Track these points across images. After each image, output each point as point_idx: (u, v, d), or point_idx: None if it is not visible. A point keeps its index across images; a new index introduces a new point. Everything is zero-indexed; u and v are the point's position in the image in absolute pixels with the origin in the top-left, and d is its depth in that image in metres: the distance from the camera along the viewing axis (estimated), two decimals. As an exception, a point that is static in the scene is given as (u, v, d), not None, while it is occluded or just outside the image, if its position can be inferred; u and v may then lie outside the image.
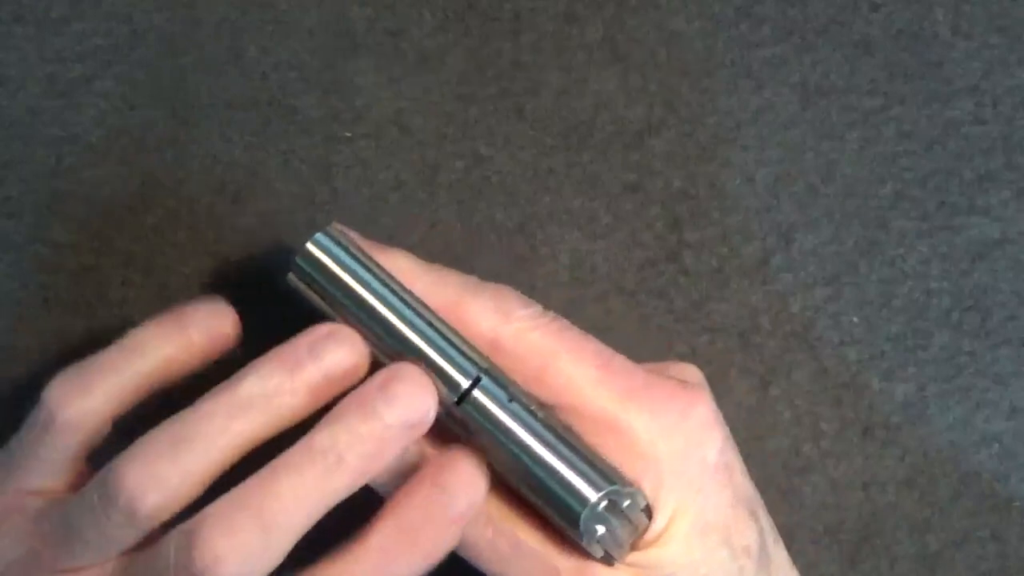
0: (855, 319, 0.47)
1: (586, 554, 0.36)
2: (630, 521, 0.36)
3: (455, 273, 0.39)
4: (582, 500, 0.35)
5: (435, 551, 0.35)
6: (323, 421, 0.35)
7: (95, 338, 0.45)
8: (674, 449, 0.37)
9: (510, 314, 0.37)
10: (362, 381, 0.36)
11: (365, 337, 0.36)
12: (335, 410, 0.35)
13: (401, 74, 0.47)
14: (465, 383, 0.36)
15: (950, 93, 0.48)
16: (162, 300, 0.46)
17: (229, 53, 0.47)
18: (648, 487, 0.36)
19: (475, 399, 0.35)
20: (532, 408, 0.36)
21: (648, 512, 0.36)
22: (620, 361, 0.38)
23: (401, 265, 0.38)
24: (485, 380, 0.36)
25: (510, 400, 0.36)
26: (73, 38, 0.47)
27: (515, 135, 0.47)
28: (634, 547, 0.36)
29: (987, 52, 0.48)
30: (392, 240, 0.40)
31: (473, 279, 0.38)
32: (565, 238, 0.46)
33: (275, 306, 0.46)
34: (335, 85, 0.47)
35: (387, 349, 0.36)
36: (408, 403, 0.35)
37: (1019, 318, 0.47)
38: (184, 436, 0.35)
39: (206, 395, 0.36)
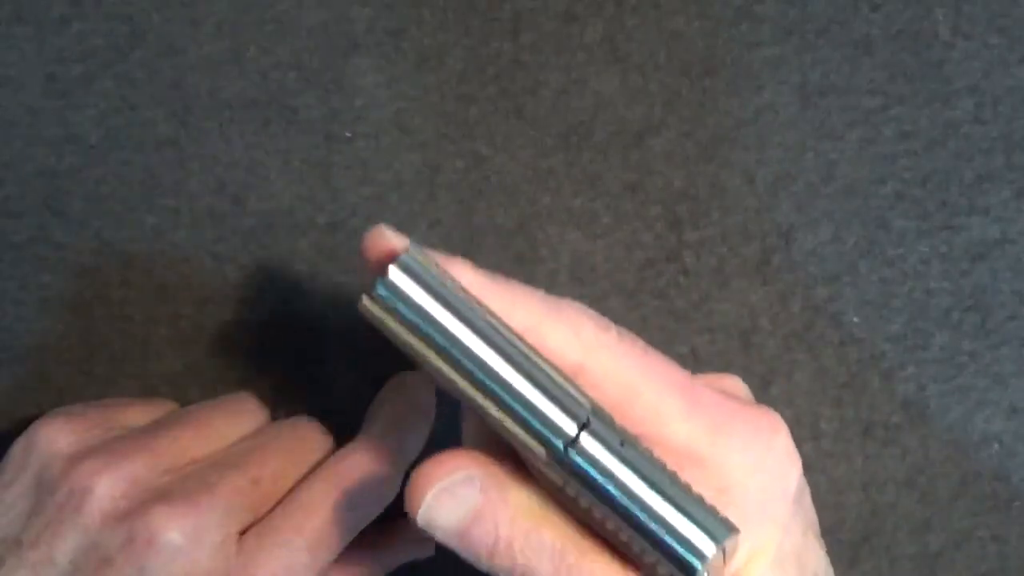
0: (855, 319, 0.47)
1: None
2: (724, 561, 0.34)
3: (524, 288, 0.36)
4: (699, 554, 0.33)
5: (421, 432, 0.43)
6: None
7: (95, 338, 0.46)
8: (761, 484, 0.36)
9: (592, 340, 0.36)
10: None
11: (455, 376, 0.33)
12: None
13: (401, 74, 0.47)
14: (574, 429, 0.33)
15: (950, 93, 0.48)
16: (162, 300, 0.46)
17: (229, 53, 0.47)
18: (735, 523, 0.35)
19: (583, 446, 0.33)
20: (642, 451, 0.34)
21: (734, 552, 0.35)
22: (703, 390, 0.36)
23: (469, 281, 0.35)
24: (595, 423, 0.33)
25: (621, 444, 0.33)
26: (73, 38, 0.47)
27: (515, 135, 0.47)
28: None
29: (987, 52, 0.48)
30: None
31: (543, 296, 0.36)
32: (565, 238, 0.46)
33: (274, 306, 0.46)
34: (335, 85, 0.47)
35: (484, 391, 0.33)
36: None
37: (1019, 318, 0.47)
38: None
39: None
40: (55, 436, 0.40)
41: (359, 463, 0.41)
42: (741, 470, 0.35)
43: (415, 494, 0.34)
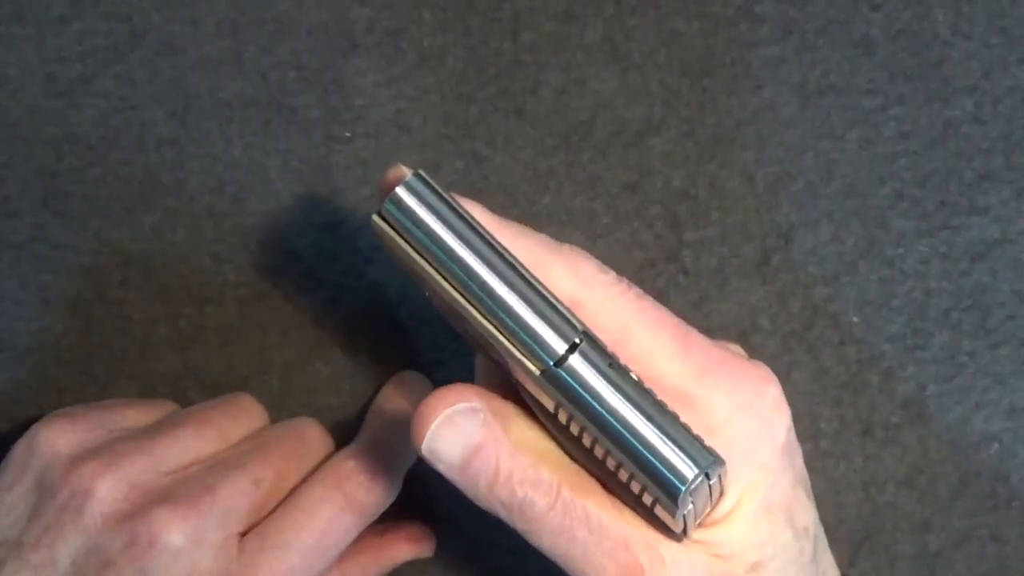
0: (855, 319, 0.47)
1: (659, 529, 0.35)
2: (710, 497, 0.35)
3: (530, 231, 0.37)
4: (681, 477, 0.34)
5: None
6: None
7: (95, 338, 0.46)
8: (748, 429, 0.36)
9: (589, 279, 0.37)
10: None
11: (454, 292, 0.34)
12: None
13: (401, 74, 0.47)
14: (563, 347, 0.34)
15: (950, 93, 0.48)
16: (162, 300, 0.46)
17: (229, 53, 0.47)
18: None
19: (571, 366, 0.34)
20: (631, 376, 0.34)
21: (720, 490, 0.36)
22: (696, 335, 0.37)
23: (478, 218, 0.36)
24: (585, 344, 0.34)
25: (610, 366, 0.34)
26: (73, 38, 0.47)
27: (515, 135, 0.47)
28: (700, 524, 0.36)
29: (987, 52, 0.48)
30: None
31: (547, 239, 0.37)
32: (565, 238, 0.46)
33: (274, 306, 0.46)
34: (335, 85, 0.47)
35: (480, 306, 0.34)
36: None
37: (1019, 318, 0.47)
38: None
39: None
40: (56, 438, 0.40)
41: (360, 464, 0.41)
42: (727, 412, 0.36)
43: (420, 425, 0.34)
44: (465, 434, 0.35)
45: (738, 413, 0.36)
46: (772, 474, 0.36)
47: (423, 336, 0.46)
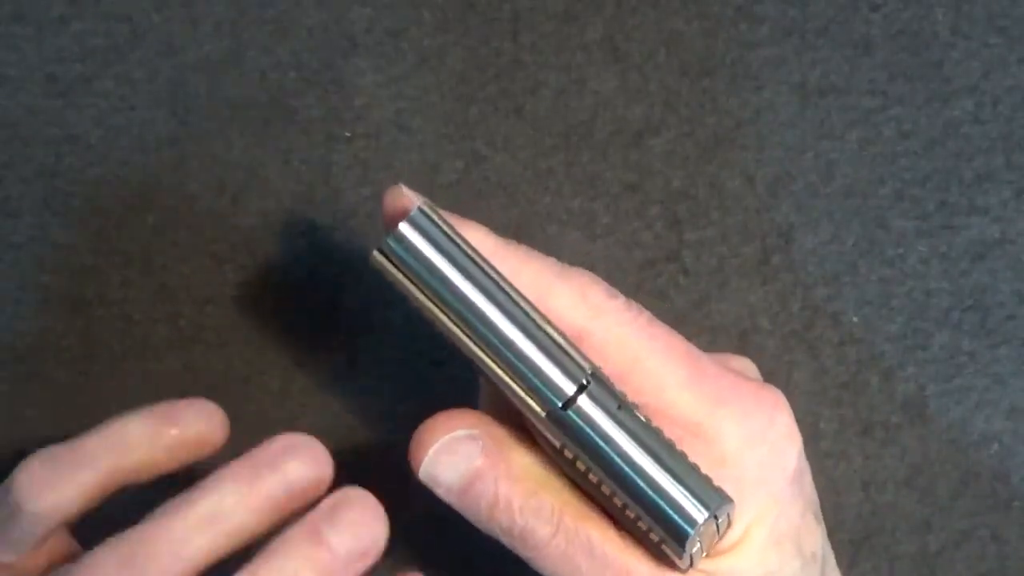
0: (855, 319, 0.47)
1: (663, 559, 0.35)
2: (717, 531, 0.35)
3: (536, 254, 0.36)
4: (690, 520, 0.33)
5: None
6: (269, 548, 0.33)
7: (95, 338, 0.46)
8: (759, 458, 0.36)
9: (598, 306, 0.36)
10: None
11: (458, 332, 0.34)
12: (282, 536, 0.33)
13: (401, 74, 0.47)
14: (572, 389, 0.33)
15: (950, 93, 0.48)
16: (162, 300, 0.46)
17: (229, 53, 0.47)
18: (730, 495, 0.35)
19: (580, 407, 0.33)
20: (640, 417, 0.34)
21: (728, 523, 0.35)
22: (707, 360, 0.36)
23: (482, 243, 0.35)
24: (593, 385, 0.34)
25: (619, 408, 0.34)
26: (73, 38, 0.47)
27: (515, 135, 0.47)
28: (706, 555, 0.35)
29: (987, 52, 0.48)
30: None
31: (554, 262, 0.36)
32: (565, 238, 0.46)
33: (274, 306, 0.46)
34: (335, 85, 0.47)
35: (485, 347, 0.34)
36: (357, 532, 0.33)
37: (1019, 318, 0.47)
38: (137, 558, 0.33)
39: (162, 509, 0.34)
40: None
41: None
42: (740, 442, 0.35)
43: (418, 449, 0.34)
44: (463, 460, 0.34)
45: (749, 443, 0.36)
46: (781, 504, 0.36)
47: (423, 336, 0.46)
